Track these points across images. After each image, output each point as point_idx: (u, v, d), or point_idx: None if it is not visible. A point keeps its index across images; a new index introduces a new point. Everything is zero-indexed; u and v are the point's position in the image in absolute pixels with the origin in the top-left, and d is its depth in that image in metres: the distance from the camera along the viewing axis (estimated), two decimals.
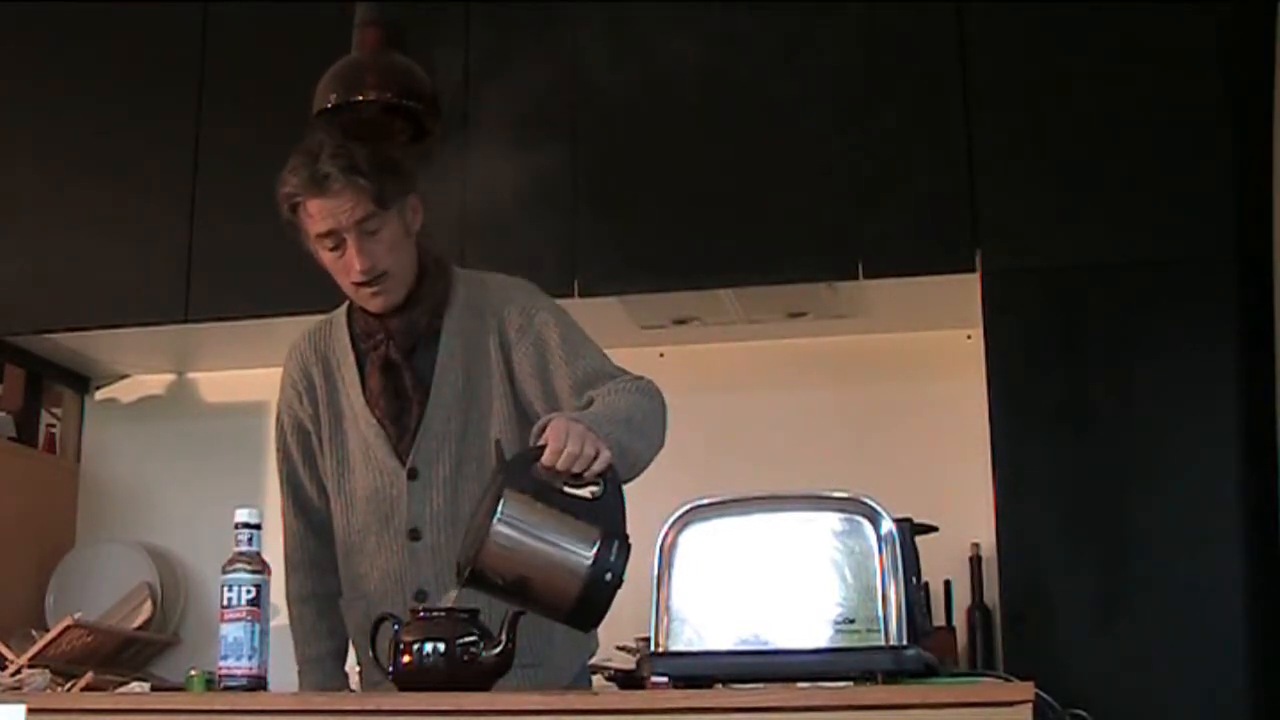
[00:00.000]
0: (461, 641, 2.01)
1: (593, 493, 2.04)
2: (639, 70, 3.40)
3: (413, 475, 2.44)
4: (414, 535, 2.43)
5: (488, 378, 2.46)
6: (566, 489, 2.05)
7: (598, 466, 2.03)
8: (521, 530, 1.97)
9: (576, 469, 2.03)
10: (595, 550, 1.96)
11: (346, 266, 2.41)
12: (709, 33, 3.38)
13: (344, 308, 2.58)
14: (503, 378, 2.45)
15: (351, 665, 2.60)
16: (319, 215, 2.39)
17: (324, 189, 2.38)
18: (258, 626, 2.07)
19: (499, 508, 1.97)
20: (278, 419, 2.61)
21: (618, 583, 1.95)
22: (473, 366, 2.46)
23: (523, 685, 2.18)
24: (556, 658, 2.39)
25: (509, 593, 1.99)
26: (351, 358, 2.52)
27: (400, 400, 2.46)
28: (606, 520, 2.00)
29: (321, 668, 2.49)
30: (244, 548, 2.09)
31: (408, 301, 2.46)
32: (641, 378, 2.37)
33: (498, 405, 2.45)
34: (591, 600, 1.96)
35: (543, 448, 2.04)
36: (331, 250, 2.41)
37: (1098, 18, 3.17)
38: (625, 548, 1.98)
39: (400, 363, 2.46)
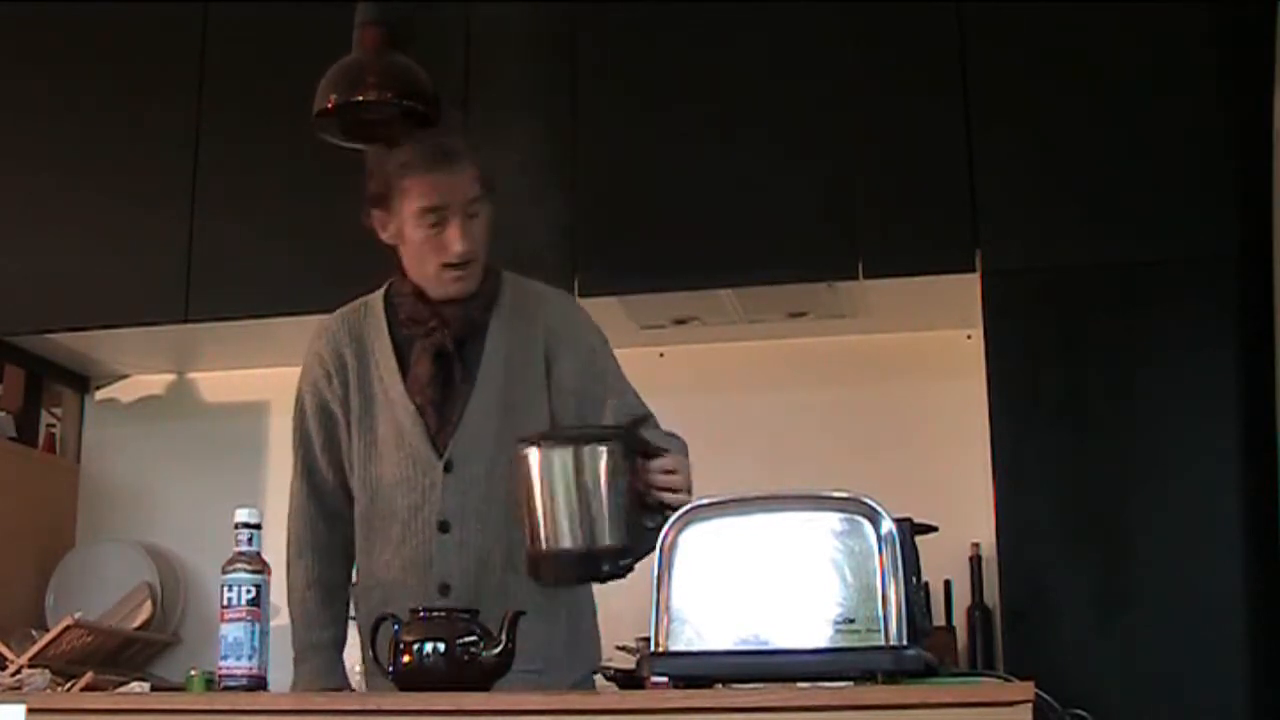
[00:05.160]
0: (461, 641, 2.01)
1: (655, 521, 2.09)
2: (639, 70, 3.41)
3: (448, 467, 2.43)
4: (443, 528, 2.42)
5: (530, 383, 2.47)
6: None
7: (674, 508, 2.05)
8: (592, 472, 2.04)
9: (665, 499, 2.13)
10: (613, 543, 2.03)
11: (442, 245, 2.41)
12: (709, 33, 3.39)
13: (380, 293, 2.57)
14: (543, 386, 2.47)
15: (353, 665, 2.59)
16: (430, 189, 2.39)
17: (447, 164, 2.40)
18: (258, 626, 2.07)
19: (601, 445, 2.04)
20: (299, 399, 2.57)
21: (591, 579, 2.10)
22: (515, 368, 2.47)
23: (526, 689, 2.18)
24: (563, 664, 2.39)
25: (521, 498, 2.07)
26: (388, 342, 2.51)
27: (448, 389, 2.45)
28: (638, 540, 2.08)
29: (321, 654, 2.47)
30: (244, 548, 2.10)
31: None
32: (674, 434, 2.44)
33: (537, 411, 2.46)
34: (567, 567, 2.07)
35: (654, 449, 2.13)
36: (431, 228, 2.40)
37: (1097, 18, 3.17)
38: (622, 571, 2.08)
39: (452, 352, 2.46)
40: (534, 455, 2.10)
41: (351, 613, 2.54)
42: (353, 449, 2.50)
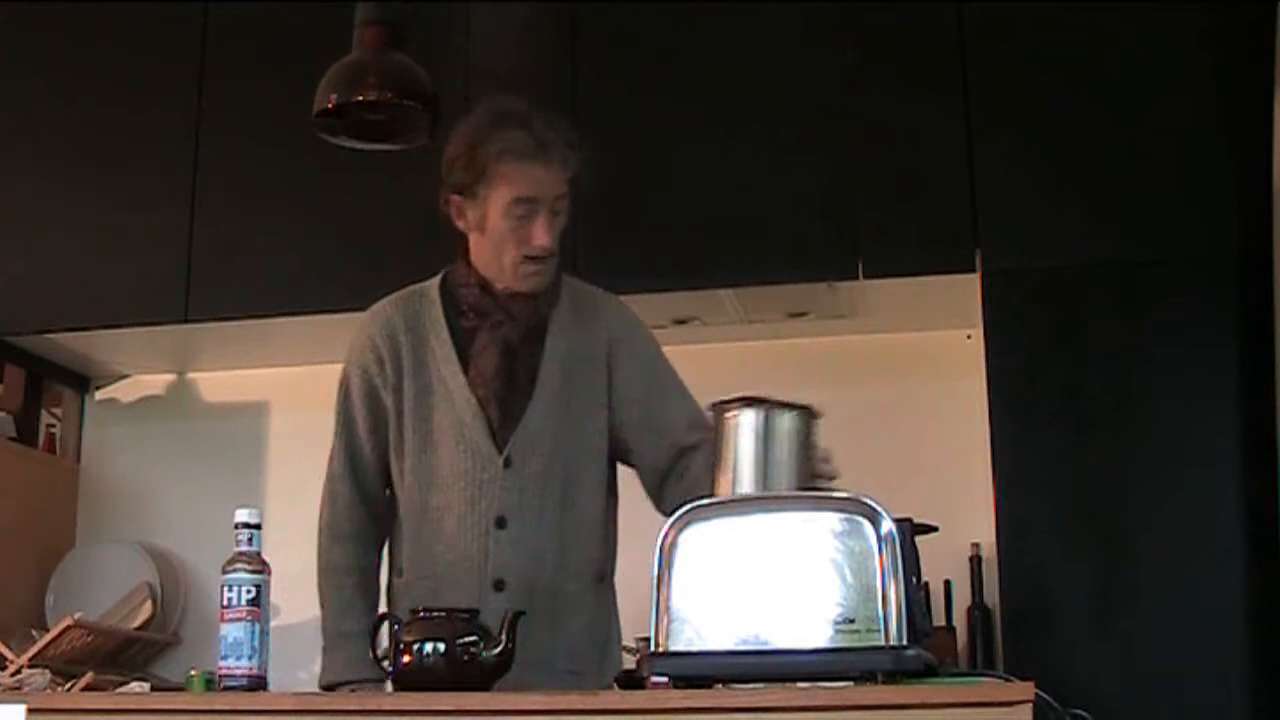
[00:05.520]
0: (461, 641, 2.01)
1: None
2: (639, 70, 3.41)
3: (508, 463, 2.42)
4: (500, 523, 2.41)
5: (589, 384, 2.48)
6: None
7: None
8: (779, 438, 2.04)
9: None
10: None
11: (526, 238, 2.39)
12: (709, 32, 3.39)
13: (435, 281, 2.55)
14: (602, 389, 2.48)
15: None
16: (526, 181, 2.37)
17: (545, 157, 2.38)
18: (258, 626, 2.07)
19: (790, 414, 2.05)
20: (344, 381, 2.55)
21: None
22: (574, 369, 2.47)
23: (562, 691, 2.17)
24: (599, 667, 2.40)
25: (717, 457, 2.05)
26: (446, 333, 2.48)
27: (511, 384, 2.44)
28: None
29: (355, 643, 2.41)
30: (244, 548, 2.09)
31: None
32: None
33: (594, 413, 2.47)
34: None
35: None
36: (519, 219, 2.39)
37: (1097, 18, 3.17)
38: None
39: (520, 348, 2.45)
40: (731, 417, 2.07)
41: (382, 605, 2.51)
42: (404, 438, 2.48)
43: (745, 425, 2.03)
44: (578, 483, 2.47)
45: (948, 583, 3.27)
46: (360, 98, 2.70)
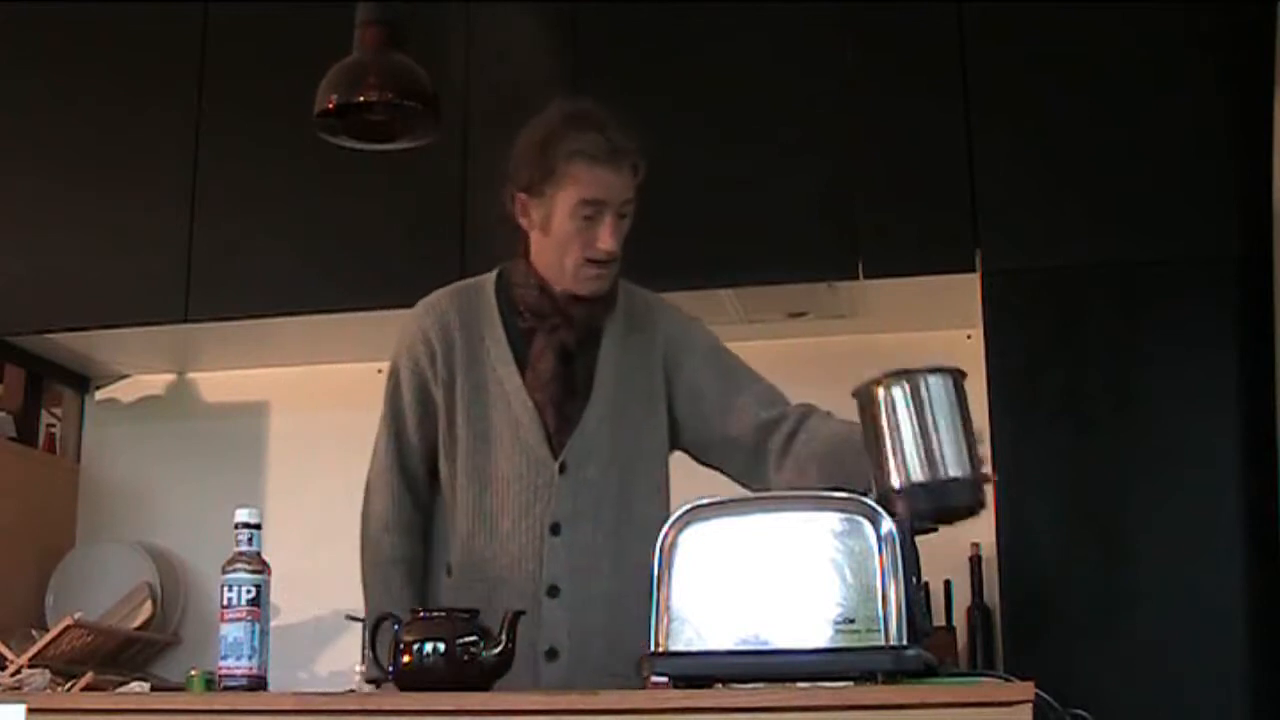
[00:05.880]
0: (461, 641, 2.01)
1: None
2: (639, 70, 3.40)
3: (563, 469, 2.41)
4: (555, 530, 2.40)
5: (645, 390, 2.47)
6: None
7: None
8: (931, 405, 2.02)
9: None
10: (958, 474, 1.98)
11: (591, 241, 2.38)
12: (709, 32, 3.39)
13: (489, 277, 2.53)
14: (660, 395, 2.47)
15: (353, 667, 2.59)
16: (597, 184, 2.36)
17: (617, 161, 2.37)
18: (258, 626, 2.06)
19: (936, 377, 2.05)
20: (394, 372, 2.51)
21: (943, 513, 1.96)
22: (629, 374, 2.46)
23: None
24: (637, 671, 2.39)
25: (868, 441, 2.01)
26: (501, 330, 2.46)
27: (569, 389, 2.43)
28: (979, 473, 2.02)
29: None
30: (244, 548, 2.09)
31: None
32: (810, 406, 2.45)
33: (652, 419, 2.46)
34: (920, 500, 1.95)
35: None
36: (585, 220, 2.37)
37: (1097, 18, 3.17)
38: (976, 505, 2.01)
39: (576, 352, 2.44)
40: (877, 394, 2.06)
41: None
42: (455, 436, 2.45)
43: (898, 400, 2.02)
44: (634, 489, 2.45)
45: (948, 583, 3.27)
46: (361, 98, 2.70)
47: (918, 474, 1.97)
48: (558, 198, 2.38)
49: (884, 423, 2.01)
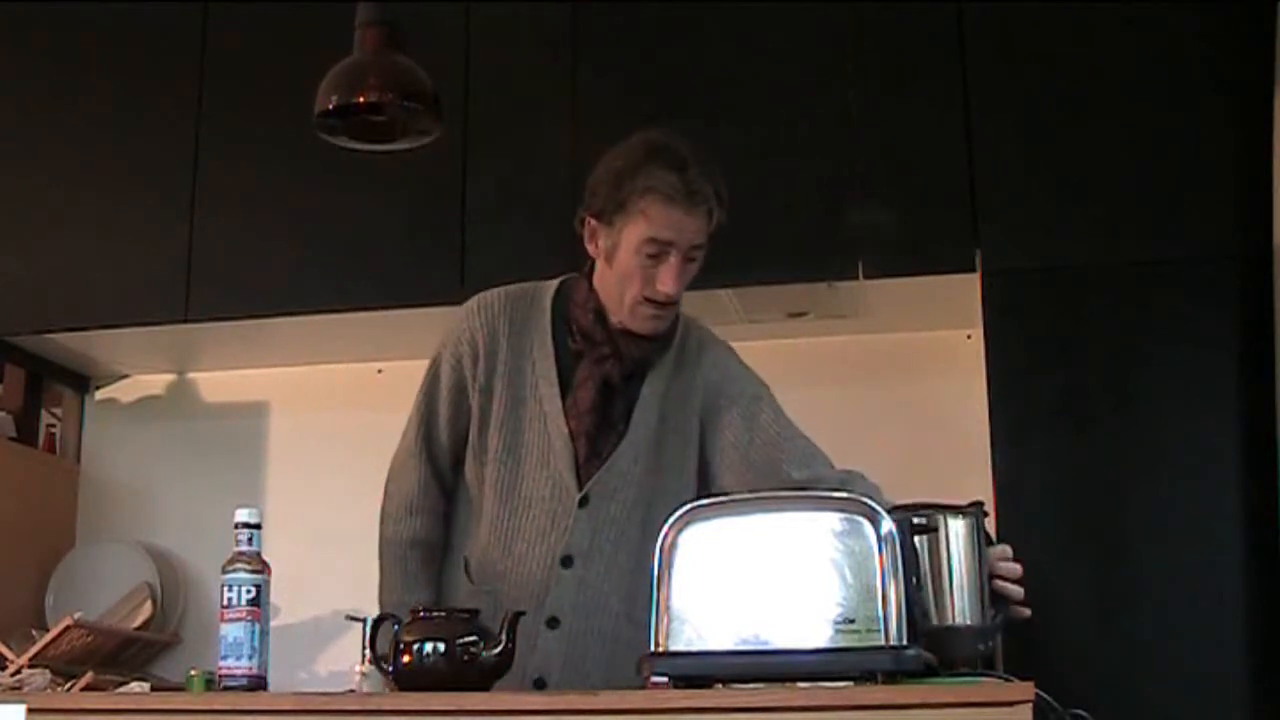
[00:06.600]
0: (461, 641, 2.01)
1: (997, 610, 2.06)
2: (639, 70, 3.40)
3: (584, 502, 2.38)
4: (566, 562, 2.38)
5: (680, 433, 2.43)
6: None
7: (1013, 602, 2.06)
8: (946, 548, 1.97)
9: (1006, 590, 2.07)
10: (966, 623, 1.96)
11: (654, 279, 2.33)
12: (709, 33, 3.38)
13: (549, 286, 2.49)
14: (693, 440, 2.43)
15: (353, 667, 2.59)
16: (669, 223, 2.31)
17: (692, 204, 2.31)
18: (258, 626, 2.07)
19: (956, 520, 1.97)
20: (435, 364, 2.49)
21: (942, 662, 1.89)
22: (668, 415, 2.43)
23: None
24: None
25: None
26: (550, 347, 2.43)
27: (607, 422, 2.39)
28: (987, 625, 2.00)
29: None
30: (244, 547, 2.09)
31: None
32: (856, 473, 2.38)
33: (683, 462, 2.42)
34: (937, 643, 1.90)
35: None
36: (649, 258, 2.32)
37: (1097, 18, 3.17)
38: (981, 655, 1.97)
39: (620, 387, 2.40)
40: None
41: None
42: (487, 445, 2.43)
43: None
44: (657, 529, 2.44)
45: None
46: (361, 99, 2.70)
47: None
48: (626, 230, 2.34)
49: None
